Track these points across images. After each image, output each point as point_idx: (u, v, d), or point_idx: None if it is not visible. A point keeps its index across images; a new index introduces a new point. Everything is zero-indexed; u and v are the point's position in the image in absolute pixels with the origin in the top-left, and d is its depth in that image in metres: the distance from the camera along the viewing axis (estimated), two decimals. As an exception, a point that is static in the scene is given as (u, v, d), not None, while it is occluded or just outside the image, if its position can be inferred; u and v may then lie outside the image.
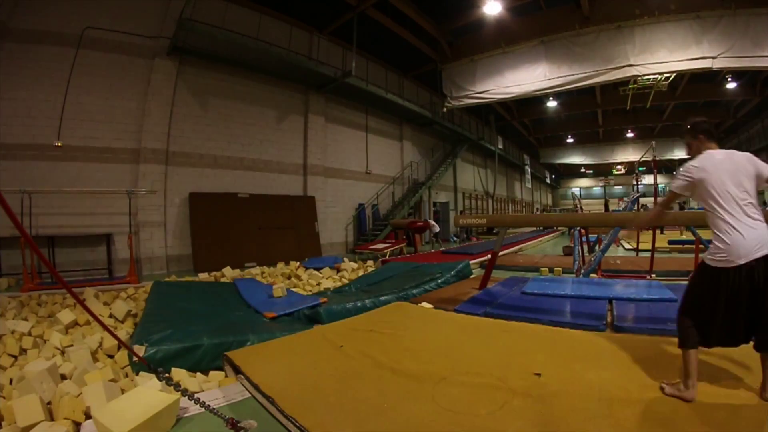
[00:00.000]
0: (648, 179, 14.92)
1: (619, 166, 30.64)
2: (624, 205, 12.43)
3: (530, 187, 30.45)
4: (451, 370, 2.26)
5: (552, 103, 19.16)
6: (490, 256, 5.36)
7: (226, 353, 2.64)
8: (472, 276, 5.98)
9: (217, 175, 9.10)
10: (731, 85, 16.20)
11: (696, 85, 16.58)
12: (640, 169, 11.94)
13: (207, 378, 2.54)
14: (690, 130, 2.10)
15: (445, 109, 13.33)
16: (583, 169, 36.08)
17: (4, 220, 3.06)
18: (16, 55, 6.67)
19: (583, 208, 22.06)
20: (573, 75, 10.30)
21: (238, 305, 4.24)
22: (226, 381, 2.49)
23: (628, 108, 17.10)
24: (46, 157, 6.91)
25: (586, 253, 6.65)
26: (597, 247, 7.19)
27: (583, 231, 6.60)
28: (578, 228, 6.34)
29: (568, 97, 18.21)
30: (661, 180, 34.00)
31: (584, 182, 39.19)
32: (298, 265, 7.57)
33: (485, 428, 1.67)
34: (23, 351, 2.98)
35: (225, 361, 2.64)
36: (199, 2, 7.88)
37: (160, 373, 1.98)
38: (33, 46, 6.83)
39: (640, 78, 10.68)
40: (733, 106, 19.96)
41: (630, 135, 25.23)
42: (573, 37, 10.27)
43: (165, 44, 7.99)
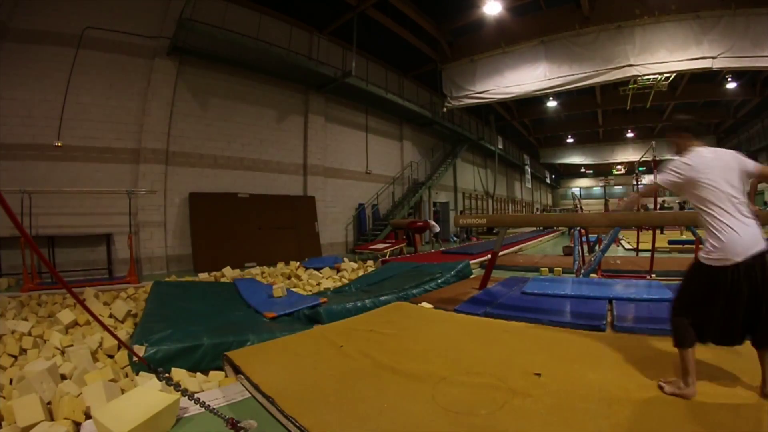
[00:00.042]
0: (648, 179, 14.91)
1: (619, 166, 30.64)
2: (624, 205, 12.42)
3: (530, 187, 30.45)
4: (451, 370, 2.25)
5: (552, 103, 19.15)
6: (490, 256, 5.35)
7: (226, 353, 2.64)
8: (472, 276, 5.98)
9: (217, 175, 9.10)
10: (731, 85, 16.21)
11: (696, 85, 16.58)
12: (640, 169, 11.93)
13: (207, 378, 2.54)
14: (675, 128, 2.09)
15: (445, 109, 13.33)
16: (583, 169, 36.08)
17: (4, 220, 3.07)
18: (15, 55, 6.67)
19: (583, 208, 22.08)
20: (573, 75, 10.30)
21: (238, 305, 4.23)
22: (226, 381, 2.49)
23: (628, 108, 17.10)
24: (46, 157, 6.91)
25: (586, 253, 6.65)
26: (597, 247, 7.20)
27: (583, 231, 6.60)
28: (578, 228, 6.34)
29: (568, 97, 18.20)
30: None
31: (584, 182, 39.19)
32: (298, 265, 7.57)
33: (485, 428, 1.67)
34: (23, 351, 2.98)
35: (225, 361, 2.63)
36: (199, 2, 7.88)
37: (160, 373, 1.98)
38: (33, 46, 6.83)
39: (640, 78, 10.68)
40: (733, 106, 19.96)
41: (630, 135, 25.21)
42: (573, 37, 10.27)
43: (165, 44, 8.00)
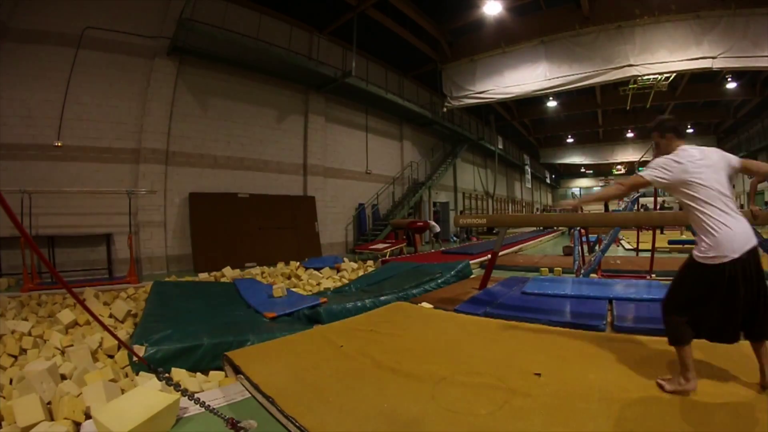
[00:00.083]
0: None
1: (619, 166, 30.64)
2: (624, 205, 12.42)
3: (530, 187, 30.45)
4: (451, 370, 2.25)
5: (552, 103, 19.14)
6: (490, 256, 5.35)
7: (226, 353, 2.64)
8: (472, 276, 5.98)
9: (217, 175, 9.10)
10: (731, 85, 16.20)
11: (696, 85, 16.57)
12: (640, 169, 11.89)
13: (207, 378, 2.54)
14: (658, 129, 2.08)
15: (445, 109, 13.34)
16: (583, 169, 36.07)
17: (4, 220, 3.07)
18: (15, 55, 6.68)
19: (583, 208, 22.06)
20: (573, 75, 10.30)
21: (238, 305, 4.23)
22: (226, 381, 2.49)
23: (628, 108, 17.09)
24: (46, 157, 6.91)
25: (586, 253, 6.65)
26: (597, 247, 7.19)
27: (583, 231, 6.60)
28: (578, 228, 6.34)
29: (568, 97, 18.20)
30: (661, 180, 34.21)
31: (584, 182, 39.17)
32: (298, 265, 7.57)
33: (485, 428, 1.67)
34: (23, 351, 2.98)
35: (225, 361, 2.63)
36: (199, 2, 7.89)
37: (160, 373, 1.98)
38: (33, 45, 6.83)
39: (640, 78, 10.68)
40: (733, 106, 19.96)
41: (630, 135, 25.21)
42: (573, 37, 10.27)
43: (165, 44, 8.00)
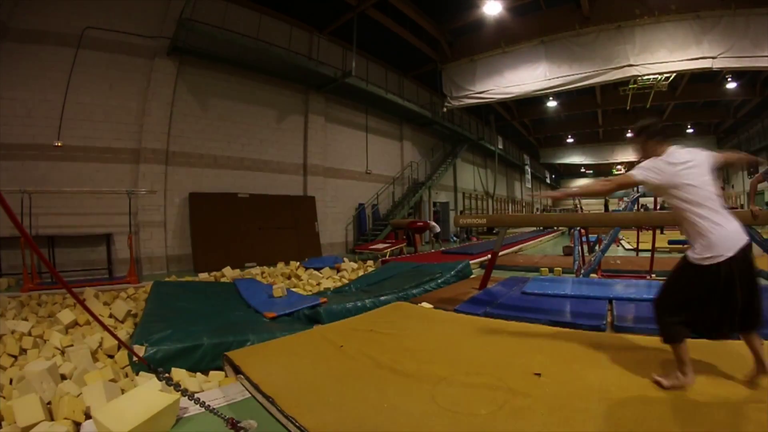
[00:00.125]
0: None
1: (619, 166, 30.62)
2: (624, 205, 12.40)
3: (530, 187, 30.43)
4: (451, 370, 2.25)
5: (552, 103, 19.14)
6: (490, 256, 5.35)
7: (226, 353, 2.64)
8: (472, 276, 5.97)
9: (217, 175, 9.10)
10: (731, 85, 16.19)
11: (696, 85, 16.57)
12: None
13: (207, 378, 2.54)
14: (643, 133, 2.05)
15: (445, 109, 13.33)
16: (583, 169, 36.08)
17: (4, 220, 3.06)
18: (15, 55, 6.67)
19: (583, 208, 22.07)
20: (573, 75, 10.30)
21: (238, 305, 4.23)
22: (226, 381, 2.49)
23: (628, 108, 17.09)
24: (46, 157, 6.91)
25: (586, 253, 6.65)
26: (597, 247, 7.19)
27: (583, 231, 6.60)
28: (578, 228, 6.34)
29: (568, 97, 18.18)
30: (661, 180, 34.19)
31: (584, 182, 39.16)
32: (298, 265, 7.57)
33: (485, 428, 1.66)
34: (23, 351, 2.98)
35: (225, 361, 2.63)
36: (199, 2, 7.89)
37: (160, 373, 1.98)
38: (33, 45, 6.83)
39: (640, 78, 10.68)
40: (733, 106, 19.95)
41: (630, 135, 25.05)
42: (573, 37, 10.27)
43: (165, 44, 8.00)
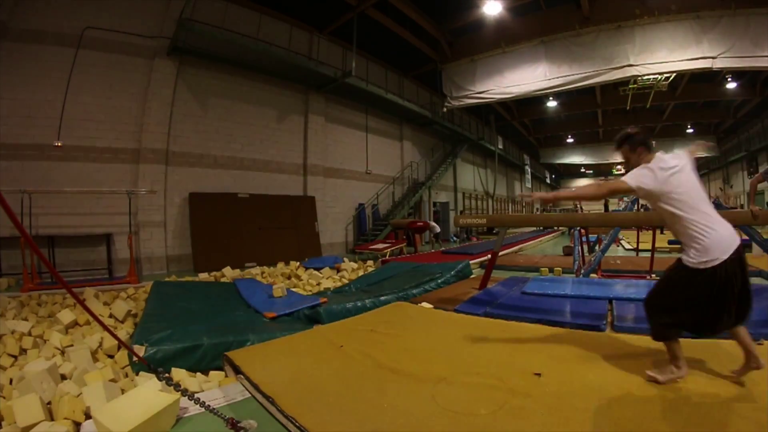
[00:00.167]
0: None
1: (619, 166, 30.57)
2: (624, 205, 12.41)
3: (530, 187, 30.39)
4: (451, 370, 2.25)
5: (552, 103, 19.15)
6: (490, 256, 5.35)
7: (226, 353, 2.64)
8: (472, 276, 5.97)
9: (217, 175, 9.10)
10: (731, 85, 16.21)
11: (696, 85, 16.58)
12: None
13: (207, 378, 2.54)
14: (627, 144, 2.05)
15: (445, 109, 13.34)
16: (583, 169, 36.08)
17: (4, 220, 3.06)
18: (15, 55, 6.67)
19: (583, 208, 22.06)
20: (573, 75, 10.30)
21: (238, 305, 4.23)
22: (226, 381, 2.49)
23: (628, 108, 17.09)
24: (46, 157, 6.91)
25: (586, 253, 6.65)
26: (597, 247, 7.19)
27: (583, 231, 6.60)
28: (578, 228, 6.34)
29: (568, 97, 18.20)
30: (661, 180, 34.20)
31: (584, 182, 39.11)
32: (298, 265, 7.57)
33: (485, 428, 1.66)
34: (23, 351, 2.98)
35: (225, 361, 2.63)
36: (199, 2, 7.90)
37: (160, 373, 1.98)
38: (33, 46, 6.83)
39: (640, 78, 10.68)
40: (733, 106, 19.96)
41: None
42: (573, 37, 10.28)
43: (165, 44, 8.00)
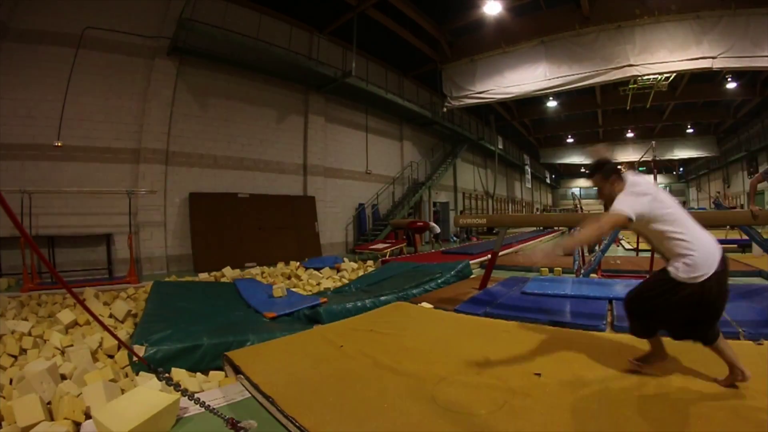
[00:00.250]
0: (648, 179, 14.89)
1: (619, 166, 30.52)
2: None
3: (530, 187, 30.45)
4: (451, 370, 2.26)
5: (552, 103, 19.15)
6: (490, 256, 5.36)
7: (226, 353, 2.64)
8: (472, 276, 5.98)
9: (217, 175, 9.10)
10: (731, 85, 16.21)
11: (696, 85, 16.58)
12: (641, 169, 11.95)
13: (207, 378, 2.54)
14: (600, 173, 2.11)
15: (445, 109, 13.32)
16: (583, 169, 36.05)
17: (4, 220, 3.06)
18: (16, 55, 6.67)
19: (583, 208, 22.07)
20: (573, 75, 10.29)
21: (238, 305, 4.23)
22: (226, 381, 2.49)
23: (628, 108, 17.10)
24: (46, 157, 6.91)
25: (586, 253, 6.65)
26: (597, 247, 7.19)
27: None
28: (578, 228, 6.34)
29: (568, 97, 18.20)
30: (661, 180, 34.10)
31: (584, 182, 39.12)
32: (298, 265, 7.57)
33: (485, 428, 1.67)
34: (23, 351, 2.98)
35: (225, 361, 2.63)
36: (199, 2, 7.89)
37: (160, 373, 1.98)
38: (33, 46, 6.83)
39: (640, 78, 10.67)
40: (733, 106, 19.97)
41: (630, 135, 25.19)
42: (573, 37, 10.27)
43: (165, 44, 8.00)
